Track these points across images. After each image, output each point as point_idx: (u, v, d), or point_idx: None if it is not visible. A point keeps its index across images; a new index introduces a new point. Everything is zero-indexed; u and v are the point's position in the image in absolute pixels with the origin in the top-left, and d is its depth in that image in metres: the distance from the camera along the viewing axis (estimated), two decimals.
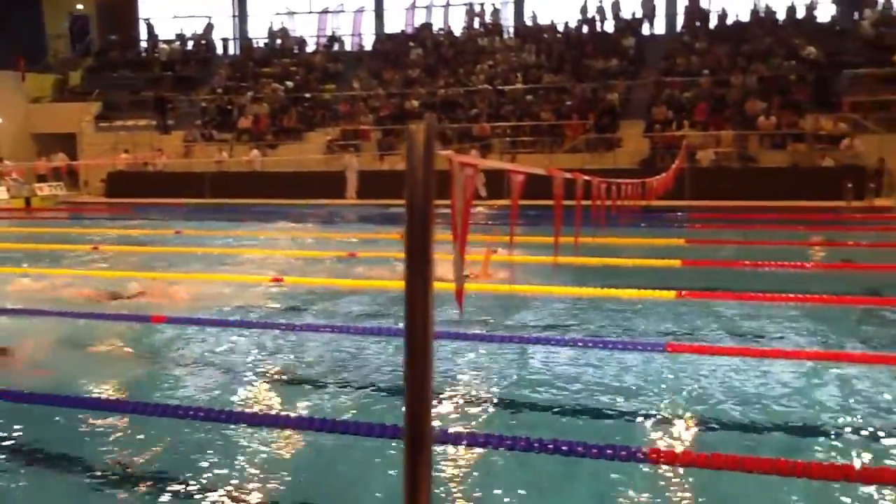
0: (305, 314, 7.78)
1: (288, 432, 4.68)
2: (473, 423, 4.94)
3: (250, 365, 6.20)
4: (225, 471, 4.17)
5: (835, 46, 25.37)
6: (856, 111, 21.90)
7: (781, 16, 28.07)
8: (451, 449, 4.32)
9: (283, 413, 5.16)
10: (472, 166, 2.21)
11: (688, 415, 4.97)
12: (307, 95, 29.09)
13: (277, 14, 35.90)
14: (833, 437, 4.60)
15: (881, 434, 4.62)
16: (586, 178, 7.21)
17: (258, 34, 35.20)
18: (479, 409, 5.18)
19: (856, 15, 27.07)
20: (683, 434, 4.71)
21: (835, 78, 23.86)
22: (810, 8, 28.06)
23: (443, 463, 4.19)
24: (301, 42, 33.78)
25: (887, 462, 4.26)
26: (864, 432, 4.63)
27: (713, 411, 5.03)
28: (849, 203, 17.83)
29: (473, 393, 5.44)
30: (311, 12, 36.25)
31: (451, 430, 4.68)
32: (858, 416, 4.87)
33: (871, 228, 15.61)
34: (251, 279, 9.74)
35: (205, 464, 4.27)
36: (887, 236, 14.58)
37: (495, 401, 5.32)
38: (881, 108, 21.97)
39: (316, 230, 16.68)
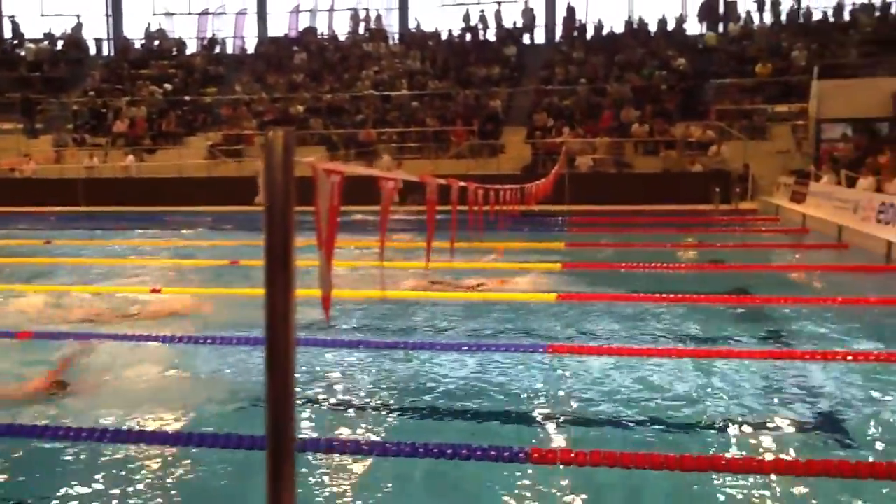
0: (185, 324, 7.52)
1: (154, 448, 4.49)
2: (354, 430, 4.90)
3: (122, 379, 5.93)
4: (89, 491, 3.98)
5: (701, 58, 26.76)
6: (722, 119, 23.17)
7: (653, 28, 29.37)
8: (335, 457, 4.27)
9: (150, 429, 4.94)
10: (338, 173, 2.21)
11: (569, 414, 5.09)
12: (187, 98, 28.23)
13: (155, 15, 34.77)
14: (706, 430, 4.81)
15: (752, 426, 4.86)
16: (462, 183, 7.30)
17: (134, 35, 33.99)
18: (362, 416, 5.14)
19: (720, 28, 28.69)
20: (565, 433, 4.82)
21: (702, 88, 25.18)
22: (680, 21, 29.52)
23: (323, 473, 4.13)
24: (180, 44, 32.77)
25: (758, 453, 4.46)
26: (735, 425, 4.86)
27: (593, 410, 5.16)
28: (717, 206, 18.78)
29: (354, 400, 5.39)
30: (190, 13, 35.27)
31: (331, 438, 4.62)
32: (731, 410, 5.10)
33: (737, 230, 16.50)
34: (129, 290, 9.35)
35: (67, 484, 4.05)
36: (752, 237, 15.46)
37: (377, 407, 5.29)
38: (745, 117, 23.34)
39: (197, 238, 16.17)
